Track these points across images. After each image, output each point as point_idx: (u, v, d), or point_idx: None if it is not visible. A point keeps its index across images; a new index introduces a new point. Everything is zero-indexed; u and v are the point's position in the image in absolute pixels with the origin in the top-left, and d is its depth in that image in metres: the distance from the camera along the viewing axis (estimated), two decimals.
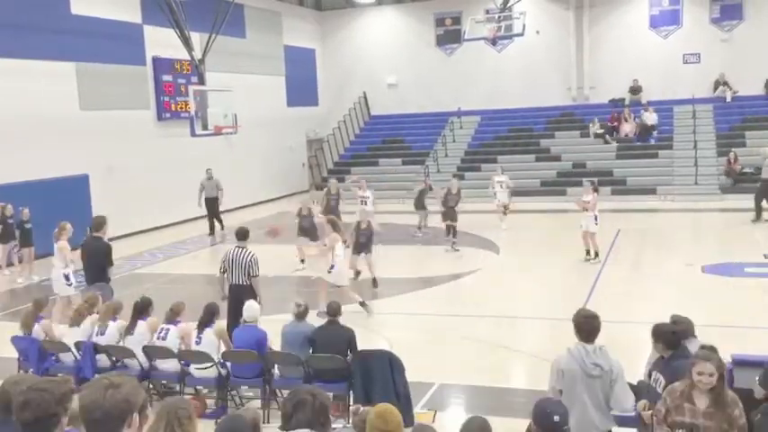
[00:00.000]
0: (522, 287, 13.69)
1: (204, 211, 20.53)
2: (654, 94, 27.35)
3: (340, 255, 11.70)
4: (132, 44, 21.10)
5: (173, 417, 4.05)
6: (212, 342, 8.20)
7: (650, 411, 5.49)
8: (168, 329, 8.39)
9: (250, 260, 9.83)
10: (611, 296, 12.21)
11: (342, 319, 8.14)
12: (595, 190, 15.37)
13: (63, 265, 11.52)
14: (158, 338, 8.39)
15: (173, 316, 8.50)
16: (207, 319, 8.29)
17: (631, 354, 7.42)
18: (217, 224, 20.34)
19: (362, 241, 13.66)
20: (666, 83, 27.17)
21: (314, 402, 3.47)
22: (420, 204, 19.24)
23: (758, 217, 18.64)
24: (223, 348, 8.29)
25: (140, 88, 21.48)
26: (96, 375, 8.18)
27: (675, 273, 14.05)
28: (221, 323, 8.79)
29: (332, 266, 11.66)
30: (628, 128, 26.32)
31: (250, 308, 8.37)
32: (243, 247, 9.95)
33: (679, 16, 27.57)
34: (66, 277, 11.53)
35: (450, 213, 17.26)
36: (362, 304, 11.76)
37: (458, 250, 16.77)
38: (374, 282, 13.56)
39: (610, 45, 28.13)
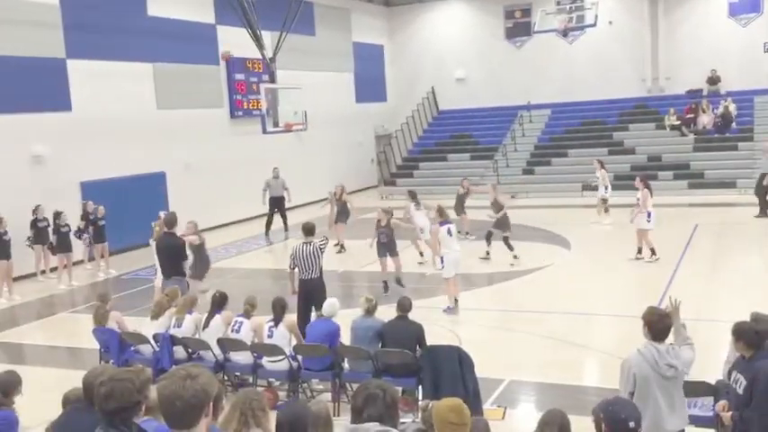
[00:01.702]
0: (594, 284, 13.44)
1: (265, 210, 20.43)
2: (733, 85, 26.41)
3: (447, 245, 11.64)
4: (206, 44, 21.63)
5: (246, 407, 4.17)
6: (284, 335, 8.36)
7: (730, 413, 5.32)
8: (242, 322, 8.59)
9: (317, 253, 9.99)
10: (687, 293, 11.81)
11: (412, 315, 8.17)
12: (646, 186, 14.46)
13: None
14: (232, 331, 8.60)
15: (251, 310, 8.69)
16: (278, 314, 8.45)
17: (709, 353, 7.19)
18: (281, 223, 20.19)
19: (384, 241, 13.31)
20: (746, 72, 26.17)
21: (384, 397, 3.49)
22: (460, 209, 17.74)
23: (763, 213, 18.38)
24: (294, 342, 8.44)
25: (214, 87, 22.01)
26: (173, 366, 8.44)
27: (756, 269, 13.56)
28: (291, 317, 8.95)
29: (441, 259, 11.70)
30: (705, 119, 25.48)
31: (331, 305, 8.50)
32: (310, 243, 10.09)
33: (760, 3, 26.50)
34: None
35: (498, 223, 15.17)
36: (455, 302, 11.79)
37: (516, 258, 14.95)
38: (398, 281, 13.25)
39: (686, 34, 27.27)
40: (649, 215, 14.24)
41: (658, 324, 5.21)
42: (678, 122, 25.69)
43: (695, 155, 24.49)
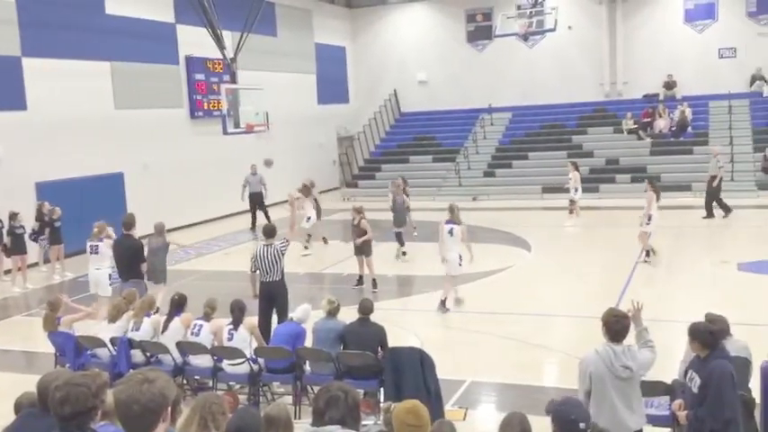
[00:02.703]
0: (554, 285, 13.58)
1: (246, 207, 21.30)
2: (689, 90, 26.96)
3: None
4: (166, 43, 21.36)
5: (206, 411, 4.10)
6: (244, 338, 8.30)
7: (685, 411, 5.42)
8: (201, 325, 8.49)
9: (278, 255, 9.94)
10: (645, 294, 12.03)
11: (373, 316, 8.16)
12: (653, 188, 14.67)
13: (109, 265, 11.67)
14: (192, 334, 8.50)
15: (210, 312, 8.59)
16: (237, 316, 8.39)
17: (666, 353, 7.31)
18: (262, 219, 20.89)
19: (357, 243, 13.47)
20: (702, 78, 26.75)
21: (346, 399, 3.47)
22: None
23: (710, 215, 19.02)
24: (255, 344, 8.36)
25: (173, 87, 21.74)
26: (130, 371, 8.31)
27: (711, 270, 13.84)
28: (251, 319, 8.86)
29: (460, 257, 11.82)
30: (662, 124, 25.97)
31: (304, 310, 8.47)
32: (271, 245, 10.03)
33: (714, 10, 27.12)
34: (110, 277, 11.74)
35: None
36: (458, 301, 11.97)
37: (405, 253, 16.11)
38: (373, 283, 13.38)
39: (643, 40, 27.78)
40: (650, 218, 14.36)
41: (616, 325, 5.30)
42: (635, 126, 26.15)
43: (652, 158, 24.93)
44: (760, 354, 6.22)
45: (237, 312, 8.38)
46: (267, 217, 20.90)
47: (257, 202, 21.10)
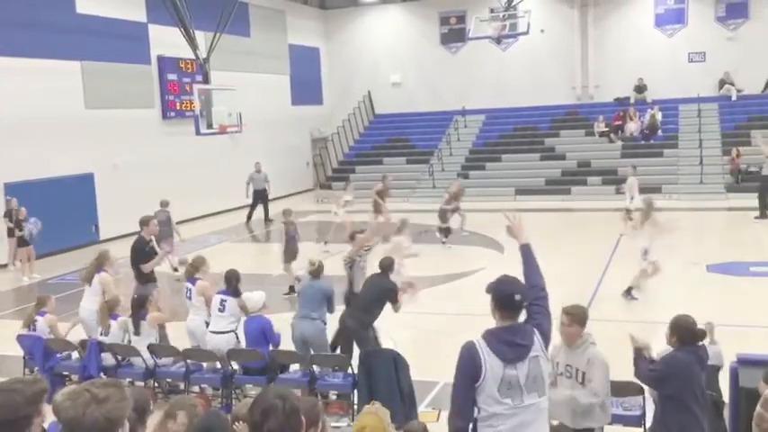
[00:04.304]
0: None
1: (249, 200, 22.34)
2: (659, 93, 27.31)
3: None
4: (137, 43, 21.15)
5: (193, 415, 4.06)
6: (235, 311, 8.38)
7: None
8: (190, 290, 8.68)
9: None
10: (615, 295, 12.19)
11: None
12: None
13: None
14: (186, 298, 8.83)
15: (194, 272, 8.76)
16: (235, 286, 8.47)
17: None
18: (257, 214, 22.21)
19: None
20: (671, 81, 27.11)
21: (284, 407, 3.14)
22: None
23: (763, 215, 18.67)
24: (243, 318, 8.42)
25: (145, 87, 21.53)
26: (101, 374, 8.21)
27: (680, 272, 14.01)
28: (241, 299, 8.77)
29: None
30: (633, 126, 26.27)
31: (251, 299, 8.42)
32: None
33: (684, 15, 27.52)
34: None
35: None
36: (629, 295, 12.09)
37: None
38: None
39: (615, 44, 28.10)
40: None
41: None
42: (606, 129, 26.42)
43: (623, 161, 25.15)
44: (728, 354, 6.31)
45: (234, 282, 8.46)
46: (267, 214, 21.93)
47: (262, 198, 22.06)
